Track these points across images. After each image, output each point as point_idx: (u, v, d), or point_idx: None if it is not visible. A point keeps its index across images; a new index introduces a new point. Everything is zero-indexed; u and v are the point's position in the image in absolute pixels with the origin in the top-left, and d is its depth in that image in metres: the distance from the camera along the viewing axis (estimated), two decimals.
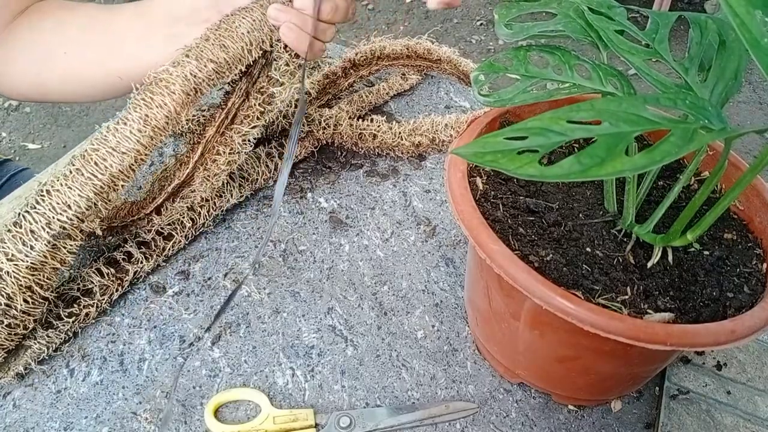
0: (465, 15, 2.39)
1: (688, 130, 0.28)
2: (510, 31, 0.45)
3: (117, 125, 0.47)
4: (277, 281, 0.56)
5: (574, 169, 0.25)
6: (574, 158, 0.26)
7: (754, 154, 1.78)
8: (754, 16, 0.28)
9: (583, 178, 0.26)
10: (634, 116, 0.29)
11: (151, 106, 0.47)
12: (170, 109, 0.47)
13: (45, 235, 0.44)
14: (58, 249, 0.46)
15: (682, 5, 2.41)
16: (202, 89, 0.49)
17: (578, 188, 0.47)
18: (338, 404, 0.47)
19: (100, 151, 0.46)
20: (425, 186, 0.66)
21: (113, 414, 0.46)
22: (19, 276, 0.44)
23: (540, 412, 0.48)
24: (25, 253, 0.44)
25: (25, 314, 0.46)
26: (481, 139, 0.30)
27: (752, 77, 2.13)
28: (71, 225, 0.46)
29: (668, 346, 0.34)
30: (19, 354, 0.47)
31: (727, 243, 0.44)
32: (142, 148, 0.47)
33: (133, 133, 0.47)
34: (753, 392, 0.49)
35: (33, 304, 0.46)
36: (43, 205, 0.45)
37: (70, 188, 0.45)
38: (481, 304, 0.47)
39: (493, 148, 0.29)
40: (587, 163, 0.26)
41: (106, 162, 0.46)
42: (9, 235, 0.44)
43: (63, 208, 0.45)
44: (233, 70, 0.50)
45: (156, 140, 0.48)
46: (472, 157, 0.29)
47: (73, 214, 0.45)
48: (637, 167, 0.26)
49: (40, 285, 0.46)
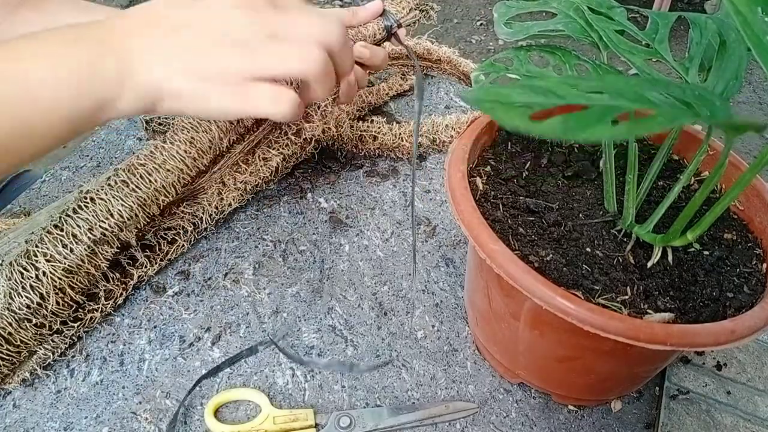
0: (465, 15, 2.39)
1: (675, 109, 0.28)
2: (510, 30, 0.45)
3: (164, 144, 0.50)
4: (277, 281, 0.56)
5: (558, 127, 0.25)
6: (562, 117, 0.26)
7: (754, 154, 1.78)
8: (757, 14, 0.28)
9: (563, 137, 0.26)
10: (637, 95, 0.29)
11: (198, 129, 0.51)
12: (214, 135, 0.51)
13: (86, 239, 0.47)
14: (96, 254, 0.48)
15: (682, 5, 2.41)
16: (244, 118, 0.51)
17: (578, 188, 0.47)
18: (338, 404, 0.47)
19: (147, 165, 0.49)
20: (425, 186, 0.66)
21: (113, 414, 0.46)
22: (55, 277, 0.46)
23: (540, 412, 0.48)
24: (64, 255, 0.46)
25: (54, 315, 0.47)
26: (488, 87, 0.30)
27: (752, 77, 2.13)
28: (111, 232, 0.48)
29: (668, 346, 0.34)
30: (24, 360, 0.47)
31: (727, 243, 0.44)
32: (185, 167, 0.50)
33: (179, 152, 0.50)
34: (753, 392, 0.49)
35: (63, 306, 0.47)
36: (86, 211, 0.47)
37: (115, 198, 0.48)
38: (481, 304, 0.47)
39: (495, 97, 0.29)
40: (572, 125, 0.25)
41: (152, 177, 0.49)
42: (49, 236, 0.46)
43: (106, 215, 0.47)
44: None
45: (199, 162, 0.51)
46: (474, 102, 0.29)
47: (114, 223, 0.48)
48: (615, 135, 0.26)
49: (72, 288, 0.47)
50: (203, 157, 0.51)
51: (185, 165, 0.50)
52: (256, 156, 0.57)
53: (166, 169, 0.50)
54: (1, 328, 0.44)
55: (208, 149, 0.51)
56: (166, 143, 0.50)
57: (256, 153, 0.57)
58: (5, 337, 0.45)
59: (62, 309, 0.48)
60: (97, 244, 0.47)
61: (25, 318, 0.45)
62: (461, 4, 2.43)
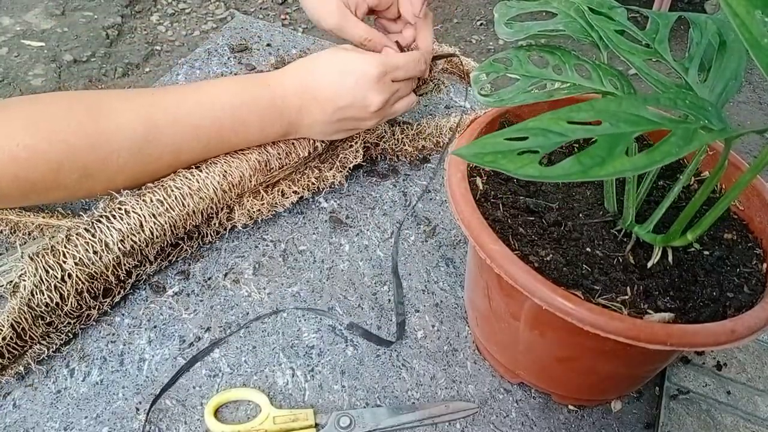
0: (465, 15, 2.38)
1: (689, 131, 0.28)
2: (510, 30, 0.45)
3: (200, 171, 0.53)
4: (277, 281, 0.56)
5: (574, 169, 0.25)
6: (575, 158, 0.26)
7: (754, 154, 1.78)
8: (754, 16, 0.28)
9: (584, 179, 0.26)
10: (634, 116, 0.29)
11: (231, 164, 0.54)
12: (242, 173, 0.55)
13: (116, 249, 0.48)
14: (119, 265, 0.50)
15: (682, 5, 2.41)
16: (272, 163, 0.57)
17: (578, 188, 0.47)
18: (338, 404, 0.47)
19: (182, 189, 0.52)
20: (425, 186, 0.66)
21: (113, 414, 0.46)
22: (79, 281, 0.47)
23: (540, 412, 0.48)
24: (93, 261, 0.48)
25: (67, 316, 0.48)
26: (482, 140, 0.30)
27: (752, 77, 2.13)
28: (139, 246, 0.50)
29: (668, 346, 0.34)
30: (23, 353, 0.47)
31: (727, 243, 0.44)
32: (216, 198, 0.54)
33: (212, 183, 0.53)
34: (753, 392, 0.49)
35: (78, 308, 0.48)
36: (121, 222, 0.49)
37: (150, 215, 0.50)
38: (481, 304, 0.47)
39: (494, 148, 0.29)
40: (588, 163, 0.25)
41: (185, 201, 0.52)
42: (80, 240, 0.47)
43: (138, 229, 0.49)
44: (301, 153, 0.59)
45: (228, 195, 0.55)
46: (472, 158, 0.29)
47: (144, 238, 0.50)
48: (638, 167, 0.26)
49: (89, 292, 0.49)
50: (232, 191, 0.55)
51: (216, 195, 0.53)
52: (275, 190, 0.59)
53: (200, 197, 0.52)
54: (16, 323, 0.45)
55: (238, 183, 0.55)
56: (202, 172, 0.53)
57: (277, 187, 0.59)
58: (18, 332, 0.45)
59: (76, 311, 0.48)
60: (125, 255, 0.49)
61: (40, 316, 0.46)
62: (461, 4, 2.42)
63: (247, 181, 0.55)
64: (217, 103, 0.53)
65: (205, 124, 0.53)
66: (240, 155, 0.56)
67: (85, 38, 2.04)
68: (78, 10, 2.17)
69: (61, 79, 1.89)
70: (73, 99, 0.50)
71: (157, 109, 0.51)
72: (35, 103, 0.49)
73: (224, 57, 0.81)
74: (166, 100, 0.52)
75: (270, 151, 0.57)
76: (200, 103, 0.53)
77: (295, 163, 0.59)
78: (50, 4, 2.17)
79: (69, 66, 1.94)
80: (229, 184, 0.54)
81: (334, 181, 0.62)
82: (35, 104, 0.48)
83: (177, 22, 2.23)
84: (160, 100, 0.52)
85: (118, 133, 0.49)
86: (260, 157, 0.56)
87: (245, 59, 0.81)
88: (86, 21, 2.12)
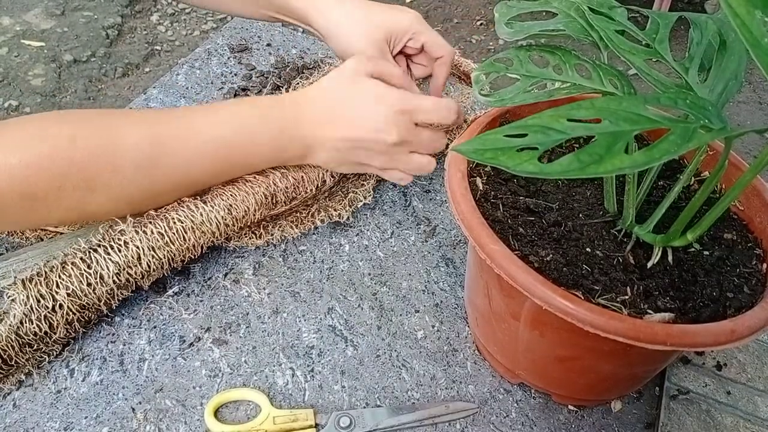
0: (465, 15, 2.38)
1: (688, 129, 0.28)
2: (510, 29, 0.45)
3: (205, 204, 0.51)
4: (277, 281, 0.56)
5: (573, 166, 0.25)
6: (574, 156, 0.26)
7: (754, 154, 1.78)
8: (755, 16, 0.28)
9: (582, 176, 0.26)
10: (634, 115, 0.29)
11: (237, 197, 0.52)
12: (248, 208, 0.52)
13: (111, 282, 0.47)
14: (113, 297, 0.48)
15: (682, 5, 2.41)
16: (278, 198, 0.55)
17: (578, 188, 0.47)
18: (338, 404, 0.47)
19: (185, 223, 0.50)
20: (425, 186, 0.66)
21: (113, 414, 0.46)
22: (70, 312, 0.46)
23: (540, 412, 0.48)
24: (86, 293, 0.46)
25: (56, 343, 0.48)
26: (482, 136, 0.30)
27: (752, 77, 2.13)
28: (134, 279, 0.48)
29: (668, 346, 0.34)
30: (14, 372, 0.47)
31: (727, 243, 0.44)
32: (218, 233, 0.52)
33: (216, 217, 0.51)
34: (753, 392, 0.49)
35: (66, 335, 0.48)
36: (118, 255, 0.47)
37: (149, 248, 0.48)
38: (481, 304, 0.47)
39: (493, 145, 0.29)
40: (586, 160, 0.25)
41: (186, 234, 0.50)
42: (75, 270, 0.46)
43: (135, 262, 0.47)
44: (309, 187, 0.56)
45: (230, 229, 0.52)
46: (472, 154, 0.29)
47: (142, 271, 0.48)
48: (637, 165, 0.26)
49: (79, 321, 0.48)
50: (235, 224, 0.53)
51: (218, 230, 0.51)
52: (275, 226, 0.58)
53: (201, 231, 0.50)
54: (2, 350, 0.44)
55: (242, 217, 0.53)
56: (207, 204, 0.51)
57: (278, 224, 0.58)
58: (4, 358, 0.44)
59: (65, 337, 0.48)
60: (119, 288, 0.48)
61: (28, 343, 0.45)
62: (461, 3, 2.42)
63: (251, 216, 0.53)
64: (228, 123, 0.51)
65: (215, 144, 0.51)
66: (248, 187, 0.53)
67: (85, 38, 2.04)
68: (78, 10, 2.17)
69: (60, 79, 1.89)
70: (83, 117, 0.49)
71: (165, 127, 0.49)
72: (41, 120, 0.47)
73: (224, 57, 0.81)
74: (175, 118, 0.51)
75: (278, 185, 0.54)
76: (211, 122, 0.51)
77: (303, 197, 0.57)
78: (50, 4, 2.17)
79: (69, 66, 1.94)
80: (233, 219, 0.52)
81: (340, 218, 0.60)
82: (41, 121, 0.47)
83: (177, 22, 2.23)
84: (169, 118, 0.51)
85: (125, 149, 0.47)
86: (267, 191, 0.53)
87: (245, 59, 0.81)
88: (86, 21, 2.12)
